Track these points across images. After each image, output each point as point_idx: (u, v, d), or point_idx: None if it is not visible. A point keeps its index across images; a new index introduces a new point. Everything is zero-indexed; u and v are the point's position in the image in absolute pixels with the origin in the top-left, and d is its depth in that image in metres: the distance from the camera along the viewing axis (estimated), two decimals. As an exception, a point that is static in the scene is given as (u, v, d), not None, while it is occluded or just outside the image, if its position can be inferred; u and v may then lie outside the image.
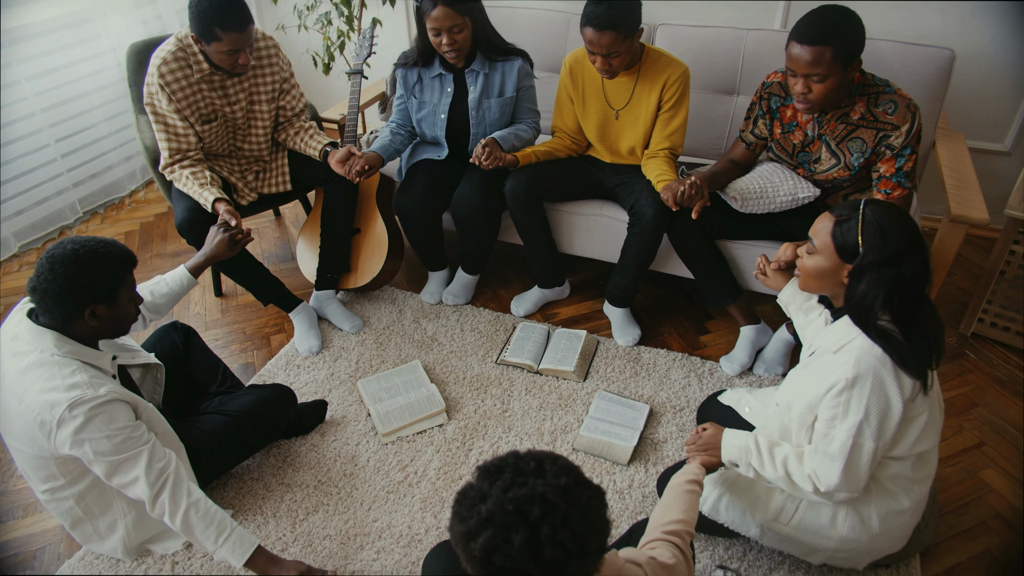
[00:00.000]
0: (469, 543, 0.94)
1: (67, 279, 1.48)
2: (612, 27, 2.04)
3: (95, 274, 1.51)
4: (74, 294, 1.50)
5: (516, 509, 0.92)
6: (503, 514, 0.92)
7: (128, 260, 1.59)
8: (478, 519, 0.94)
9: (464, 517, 0.96)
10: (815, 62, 1.83)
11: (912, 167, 1.94)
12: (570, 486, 0.95)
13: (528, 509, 0.92)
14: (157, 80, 2.17)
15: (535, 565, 0.91)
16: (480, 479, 0.98)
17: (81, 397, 1.50)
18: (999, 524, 1.87)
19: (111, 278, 1.54)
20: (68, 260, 1.49)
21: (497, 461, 1.00)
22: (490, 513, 0.93)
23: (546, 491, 0.93)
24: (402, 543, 1.82)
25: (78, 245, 1.51)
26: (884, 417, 1.41)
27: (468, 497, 0.97)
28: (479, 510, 0.94)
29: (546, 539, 0.91)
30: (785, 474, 1.54)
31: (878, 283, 1.39)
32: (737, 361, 2.34)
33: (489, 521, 0.93)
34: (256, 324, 2.62)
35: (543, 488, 0.94)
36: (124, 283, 1.58)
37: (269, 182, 2.53)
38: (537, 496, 0.93)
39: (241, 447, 1.94)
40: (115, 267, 1.55)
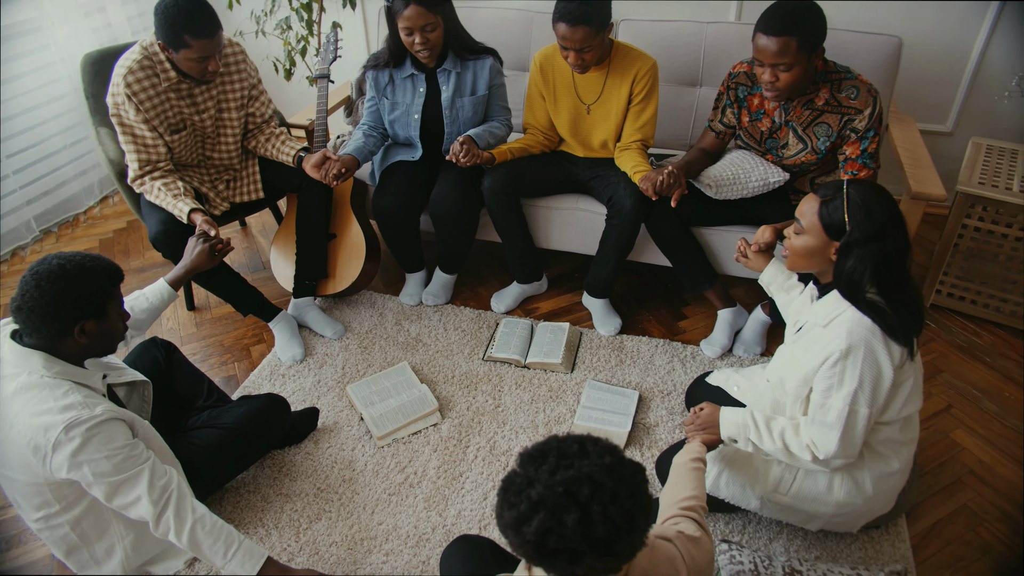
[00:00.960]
0: (522, 528, 0.96)
1: (55, 295, 1.43)
2: (585, 22, 2.08)
3: (83, 289, 1.47)
4: (63, 311, 1.45)
5: (566, 491, 0.95)
6: (553, 497, 0.95)
7: (116, 274, 1.55)
8: (529, 504, 0.96)
9: (513, 503, 0.98)
10: (781, 52, 1.91)
11: (876, 148, 2.04)
12: (614, 464, 0.98)
13: (577, 490, 0.95)
14: (123, 90, 2.11)
15: (587, 544, 0.94)
16: (524, 465, 1.00)
17: (77, 418, 1.45)
18: (973, 479, 1.98)
19: (100, 293, 1.50)
20: (55, 276, 1.44)
21: (539, 446, 1.02)
22: (541, 497, 0.95)
23: (593, 471, 0.96)
24: (410, 544, 1.82)
25: (64, 260, 1.46)
26: (876, 384, 1.49)
27: (514, 484, 0.99)
28: (528, 495, 0.96)
29: (597, 518, 0.94)
30: (783, 446, 1.61)
31: (865, 258, 1.47)
32: (717, 343, 2.41)
33: (540, 504, 0.95)
34: (234, 336, 2.56)
35: (589, 468, 0.96)
36: (113, 298, 1.54)
37: (241, 190, 2.48)
38: (584, 476, 0.96)
39: (238, 459, 1.91)
40: (103, 281, 1.51)
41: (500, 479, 1.93)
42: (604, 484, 0.95)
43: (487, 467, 2.02)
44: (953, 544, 1.82)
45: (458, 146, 2.26)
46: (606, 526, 0.94)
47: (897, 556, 1.77)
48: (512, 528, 0.97)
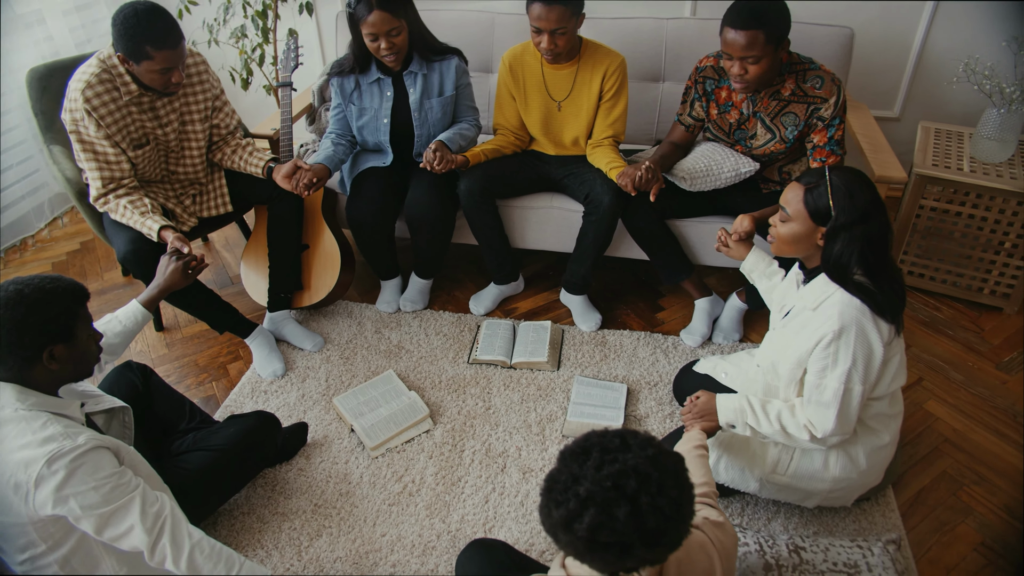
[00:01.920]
0: (572, 525, 0.96)
1: (17, 322, 1.36)
2: (561, 1, 2.10)
3: (47, 312, 1.39)
4: (27, 337, 1.37)
5: (614, 485, 0.95)
6: (602, 491, 0.95)
7: (80, 293, 1.48)
8: (578, 500, 0.96)
9: (560, 501, 0.98)
10: (749, 45, 1.96)
11: (842, 135, 2.12)
12: (657, 455, 0.99)
13: (625, 483, 0.95)
14: (82, 106, 2.02)
15: (638, 536, 0.95)
16: (568, 463, 1.00)
17: (59, 450, 1.38)
18: (948, 447, 2.08)
19: (65, 314, 1.42)
20: (14, 302, 1.36)
21: (580, 443, 1.02)
22: (589, 493, 0.96)
23: (638, 463, 0.97)
24: (416, 553, 1.80)
25: (21, 284, 1.39)
26: (869, 361, 1.55)
27: (559, 482, 1.00)
28: (576, 492, 0.97)
29: (647, 509, 0.95)
30: (780, 427, 1.66)
31: (852, 241, 1.52)
32: (697, 332, 2.46)
33: (590, 500, 0.95)
34: (208, 355, 2.49)
35: (634, 461, 0.97)
36: (80, 318, 1.47)
37: (208, 205, 2.41)
38: (630, 469, 0.96)
39: (231, 481, 1.85)
40: (67, 302, 1.44)
41: (498, 481, 1.94)
42: (650, 475, 0.96)
43: (485, 470, 2.01)
44: (937, 509, 1.91)
45: (431, 153, 2.24)
46: (655, 517, 0.95)
47: (888, 525, 1.84)
48: (562, 526, 0.97)
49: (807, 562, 1.65)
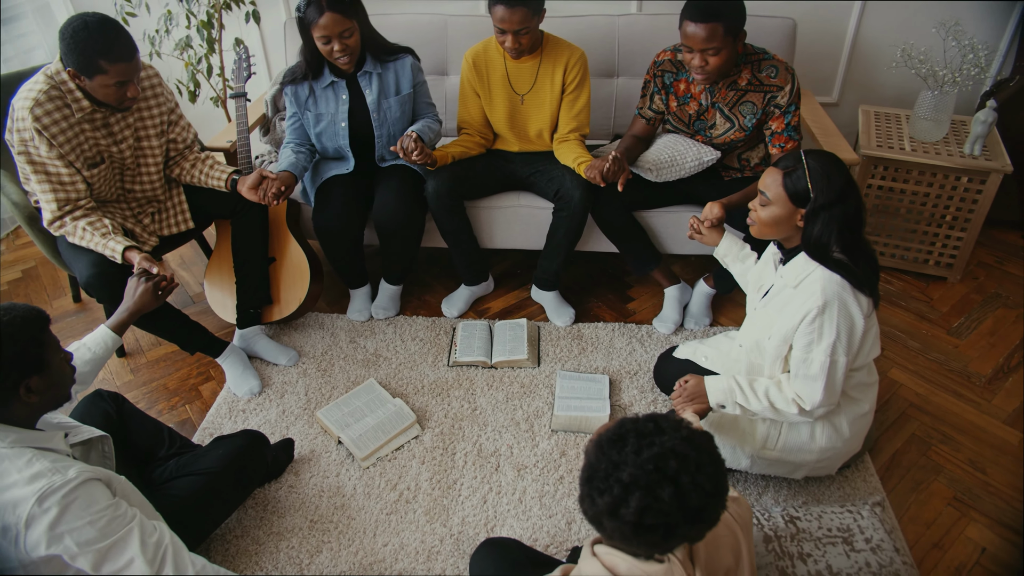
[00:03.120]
0: (619, 511, 0.98)
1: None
2: (522, 3, 2.13)
3: (13, 347, 1.31)
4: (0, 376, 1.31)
5: (655, 468, 0.98)
6: (645, 475, 0.98)
7: (41, 318, 1.40)
8: (622, 486, 0.98)
9: (603, 489, 1.00)
10: (709, 37, 2.03)
11: (798, 122, 2.21)
12: (690, 435, 1.02)
13: (665, 465, 0.98)
14: (31, 125, 1.92)
15: (682, 515, 0.98)
16: (605, 451, 1.02)
17: (50, 486, 1.31)
18: (914, 411, 2.20)
19: (32, 344, 1.35)
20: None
21: (615, 431, 1.04)
22: (632, 478, 0.98)
23: (674, 444, 1.00)
24: (421, 559, 1.79)
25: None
26: (851, 334, 1.62)
27: (599, 471, 1.01)
28: (619, 478, 0.99)
29: (688, 488, 0.97)
30: (769, 404, 1.72)
31: (831, 221, 1.60)
32: (669, 320, 2.52)
33: (633, 485, 0.98)
34: (177, 377, 2.40)
35: (671, 442, 1.00)
36: (48, 345, 1.40)
37: (168, 222, 2.33)
38: (669, 451, 0.99)
39: (224, 504, 1.79)
40: (31, 331, 1.36)
41: (494, 481, 1.95)
42: (688, 455, 0.99)
43: (479, 470, 2.01)
44: (912, 470, 2.02)
45: (411, 143, 2.22)
46: (697, 494, 0.98)
47: (870, 489, 1.94)
48: (608, 513, 0.99)
49: (803, 531, 1.72)
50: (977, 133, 2.49)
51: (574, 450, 2.07)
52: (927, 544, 1.83)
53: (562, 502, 1.92)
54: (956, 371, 2.34)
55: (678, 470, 0.98)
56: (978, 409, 2.20)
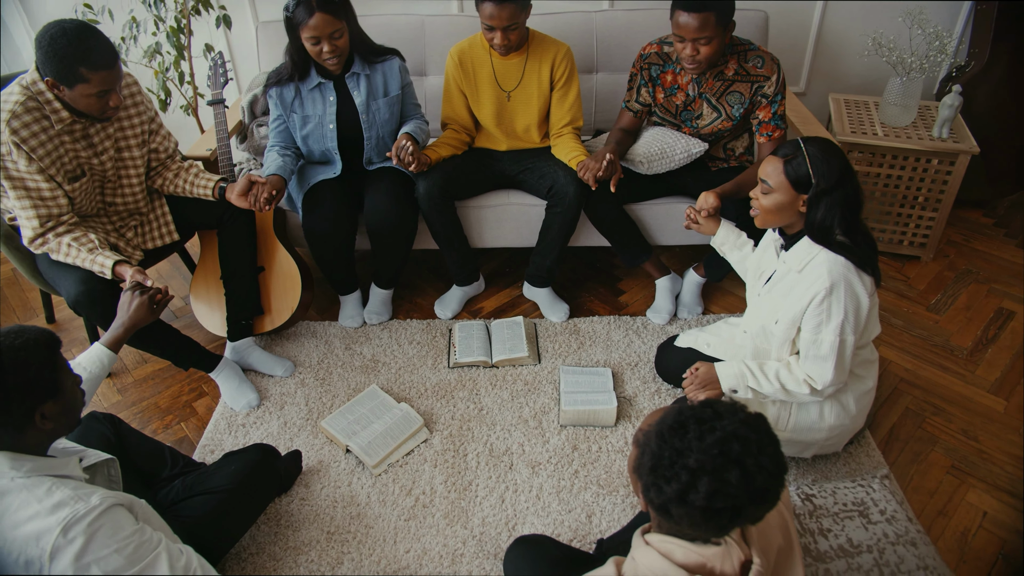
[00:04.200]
0: (688, 497, 0.99)
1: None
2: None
3: (27, 372, 1.25)
4: (14, 405, 1.24)
5: (720, 452, 0.99)
6: (711, 459, 0.99)
7: (52, 340, 1.34)
8: (689, 473, 0.99)
9: (670, 477, 1.00)
10: (702, 27, 2.06)
11: (783, 111, 2.26)
12: (748, 418, 1.04)
13: (729, 448, 0.99)
14: (9, 139, 1.83)
15: (748, 496, 0.99)
16: (667, 440, 1.03)
17: (74, 515, 1.25)
18: (905, 386, 2.28)
19: (46, 368, 1.28)
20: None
21: (674, 419, 1.05)
22: (699, 464, 0.99)
23: (735, 428, 1.01)
24: (446, 562, 1.77)
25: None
26: (858, 312, 1.67)
27: (663, 460, 1.02)
28: (685, 464, 0.99)
29: (753, 469, 0.99)
30: (780, 386, 1.77)
31: (833, 204, 1.64)
32: (664, 310, 2.56)
33: (701, 471, 0.99)
34: (168, 395, 2.32)
35: (731, 426, 1.01)
36: (60, 368, 1.34)
37: (152, 235, 2.25)
38: (730, 435, 1.00)
39: (240, 522, 1.74)
40: (45, 354, 1.30)
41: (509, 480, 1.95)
42: (749, 437, 1.01)
43: (493, 470, 2.01)
44: (910, 442, 2.09)
45: (410, 145, 2.20)
46: (762, 475, 0.99)
47: (874, 464, 2.00)
48: (676, 500, 1.00)
49: (820, 507, 1.76)
50: (944, 117, 2.60)
51: (585, 444, 2.08)
52: (932, 512, 1.90)
53: (580, 496, 1.93)
54: (939, 345, 2.44)
55: (741, 453, 1.00)
56: (964, 381, 2.30)
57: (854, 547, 1.67)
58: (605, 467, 2.01)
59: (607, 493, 1.94)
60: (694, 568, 1.11)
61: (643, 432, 1.16)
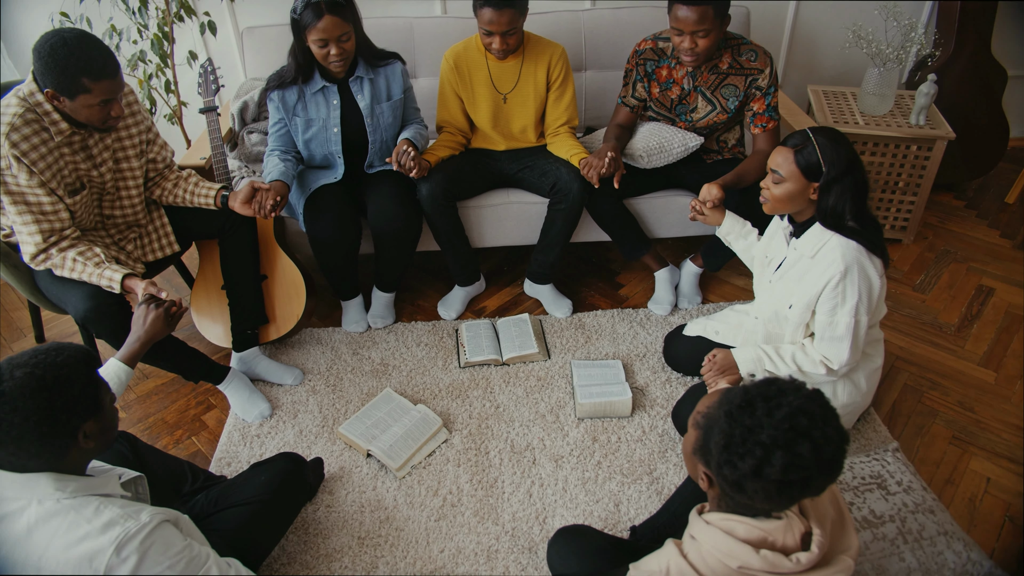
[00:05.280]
0: (764, 471, 1.02)
1: (44, 411, 1.17)
2: (510, 5, 2.15)
3: (71, 390, 1.21)
4: (59, 424, 1.20)
5: (791, 426, 1.03)
6: (783, 434, 1.03)
7: (91, 357, 1.31)
8: (763, 448, 1.03)
9: (744, 453, 1.04)
10: (701, 20, 2.11)
11: (776, 102, 2.33)
12: (811, 393, 1.08)
13: (798, 422, 1.03)
14: (9, 152, 1.77)
15: (818, 467, 1.04)
16: (737, 418, 1.06)
17: (125, 533, 1.23)
18: (901, 363, 2.37)
19: (89, 385, 1.25)
20: (31, 390, 1.16)
21: (740, 398, 1.09)
22: (772, 439, 1.03)
23: (800, 402, 1.05)
24: (481, 559, 1.78)
25: (28, 367, 1.18)
26: (870, 294, 1.74)
27: (735, 437, 1.05)
28: (759, 440, 1.03)
29: (821, 441, 1.03)
30: (796, 367, 1.82)
31: (844, 191, 1.70)
32: (665, 301, 2.61)
33: (774, 445, 1.02)
34: (175, 410, 2.27)
35: (797, 401, 1.06)
36: (101, 385, 1.32)
37: (152, 247, 2.20)
38: (797, 409, 1.05)
39: (273, 533, 1.72)
40: (86, 372, 1.27)
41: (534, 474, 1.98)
42: (815, 411, 1.05)
43: (516, 466, 2.02)
44: (912, 417, 2.18)
45: (411, 150, 2.21)
46: (830, 446, 1.04)
47: (881, 439, 2.08)
48: (751, 475, 1.04)
49: (840, 482, 1.83)
50: (921, 105, 2.71)
51: (604, 435, 2.11)
52: (940, 481, 1.98)
53: (605, 486, 1.96)
54: (928, 323, 2.54)
55: (809, 426, 1.04)
56: (955, 355, 2.40)
57: (877, 518, 1.74)
58: (627, 456, 2.04)
59: (631, 481, 1.97)
60: (757, 543, 1.16)
61: (702, 415, 1.19)
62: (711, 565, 1.17)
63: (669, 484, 1.96)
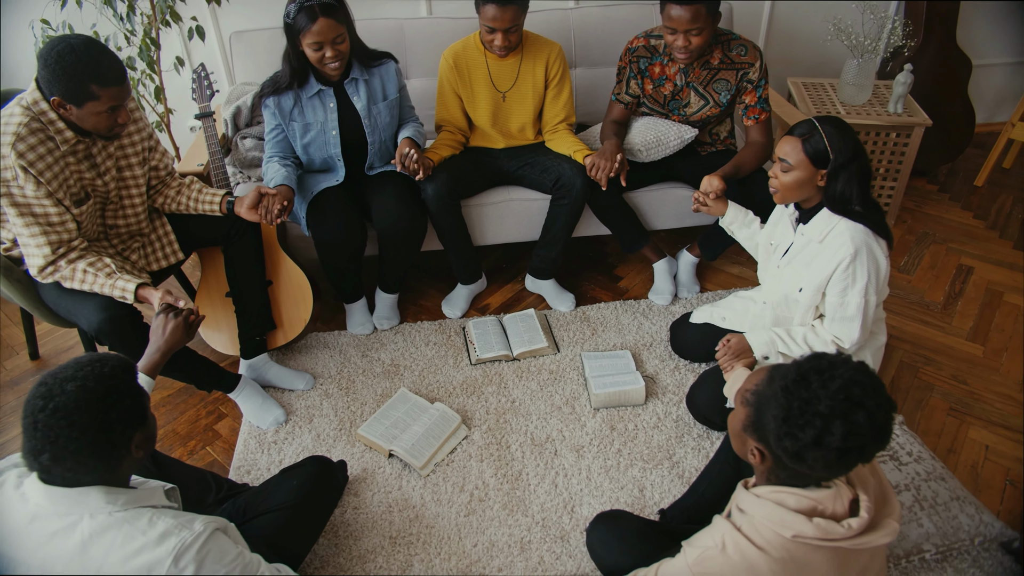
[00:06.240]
0: (823, 440, 1.08)
1: (99, 424, 1.16)
2: (513, 1, 2.18)
3: (122, 401, 1.20)
4: (115, 436, 1.19)
5: (846, 397, 1.08)
6: (839, 404, 1.08)
7: (131, 366, 1.30)
8: (822, 418, 1.08)
9: (804, 424, 1.09)
10: (694, 18, 2.17)
11: (767, 94, 2.41)
12: (858, 364, 1.13)
13: (852, 392, 1.09)
14: (15, 163, 1.73)
15: (873, 434, 1.09)
16: (795, 392, 1.11)
17: (182, 543, 1.22)
18: (895, 341, 2.47)
19: (136, 395, 1.24)
20: (85, 403, 1.15)
21: (793, 374, 1.13)
22: (830, 409, 1.08)
23: (851, 374, 1.11)
24: (515, 551, 1.80)
25: (78, 380, 1.16)
26: (878, 274, 1.81)
27: (794, 410, 1.10)
28: (817, 411, 1.08)
29: (874, 409, 1.09)
30: (808, 348, 1.89)
31: (851, 177, 1.77)
32: (665, 291, 2.66)
33: (832, 415, 1.08)
34: (185, 420, 2.23)
35: (848, 372, 1.11)
36: (143, 394, 1.31)
37: (156, 256, 2.16)
38: (849, 380, 1.10)
39: (308, 537, 1.71)
40: (129, 381, 1.27)
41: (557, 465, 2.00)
42: (865, 381, 1.11)
43: (539, 458, 2.05)
44: (911, 391, 2.27)
45: (414, 152, 2.21)
46: (882, 413, 1.10)
47: (885, 413, 2.16)
48: (812, 445, 1.08)
49: (855, 456, 1.90)
50: (898, 93, 2.82)
51: (621, 424, 2.15)
52: (943, 451, 2.08)
53: (628, 472, 2.00)
54: (916, 302, 2.65)
55: (862, 395, 1.10)
56: (943, 332, 2.51)
57: (893, 487, 1.81)
58: (645, 443, 2.08)
59: (653, 467, 2.01)
60: (808, 512, 1.21)
61: (751, 392, 1.24)
62: (765, 536, 1.22)
63: (689, 468, 2.01)
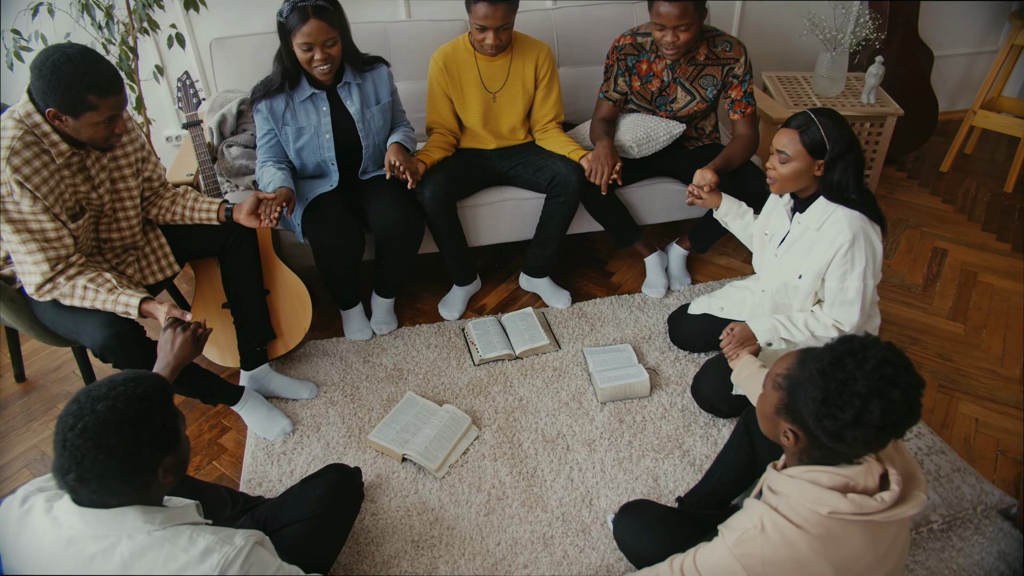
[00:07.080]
0: (864, 417, 1.12)
1: (127, 447, 1.13)
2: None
3: (152, 423, 1.18)
4: (143, 459, 1.16)
5: (881, 376, 1.13)
6: (876, 383, 1.12)
7: (166, 387, 1.27)
8: (860, 398, 1.12)
9: (843, 405, 1.13)
10: (682, 15, 2.22)
11: (752, 89, 2.47)
12: (887, 344, 1.18)
13: (886, 371, 1.13)
14: (11, 177, 1.68)
15: (907, 411, 1.14)
16: (831, 375, 1.15)
17: (225, 559, 1.21)
18: (883, 324, 2.55)
19: (168, 418, 1.21)
20: (114, 424, 1.12)
21: (827, 356, 1.17)
22: (867, 388, 1.12)
23: (883, 354, 1.15)
24: (539, 547, 1.82)
25: (109, 400, 1.14)
26: (875, 259, 1.88)
27: (832, 391, 1.14)
28: (855, 391, 1.12)
29: (907, 386, 1.14)
30: (809, 333, 1.95)
31: (847, 166, 1.84)
32: (659, 284, 2.71)
33: (870, 394, 1.12)
34: (188, 435, 2.18)
35: (880, 353, 1.15)
36: (178, 417, 1.28)
37: (152, 269, 2.11)
38: (882, 360, 1.15)
39: (334, 545, 1.69)
40: (162, 402, 1.23)
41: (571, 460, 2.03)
42: (896, 360, 1.15)
43: (552, 454, 2.07)
44: (901, 371, 2.36)
45: (400, 164, 2.22)
46: (915, 390, 1.14)
47: (880, 393, 2.24)
48: (852, 424, 1.13)
49: (859, 435, 1.96)
50: (871, 85, 2.93)
51: (629, 416, 2.18)
52: (936, 426, 2.16)
53: (640, 463, 2.03)
54: (897, 285, 2.75)
55: (894, 374, 1.14)
56: (926, 312, 2.61)
57: (899, 464, 1.88)
58: (654, 434, 2.12)
59: (664, 456, 2.05)
60: (841, 488, 1.25)
61: (782, 376, 1.28)
62: (802, 514, 1.26)
63: (700, 455, 2.05)
